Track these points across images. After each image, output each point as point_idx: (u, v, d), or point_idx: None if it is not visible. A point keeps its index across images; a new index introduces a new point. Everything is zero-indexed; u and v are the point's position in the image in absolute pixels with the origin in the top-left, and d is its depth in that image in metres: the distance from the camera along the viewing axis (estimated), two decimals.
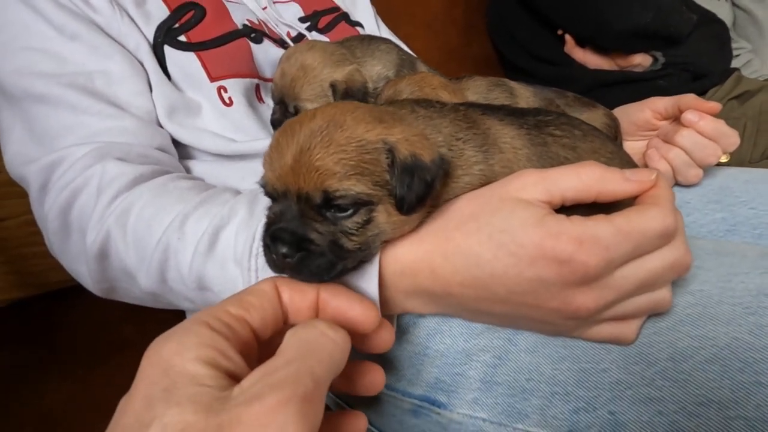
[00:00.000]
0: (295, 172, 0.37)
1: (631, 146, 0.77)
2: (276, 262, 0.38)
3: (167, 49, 0.64)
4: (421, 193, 0.38)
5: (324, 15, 0.87)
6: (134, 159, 0.55)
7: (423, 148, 0.39)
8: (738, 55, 1.47)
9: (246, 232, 0.46)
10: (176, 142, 0.63)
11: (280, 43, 0.78)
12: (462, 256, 0.40)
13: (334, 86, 0.64)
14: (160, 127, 0.62)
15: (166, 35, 0.64)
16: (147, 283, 0.50)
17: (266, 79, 0.73)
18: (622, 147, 0.75)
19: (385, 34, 0.98)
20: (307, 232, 0.38)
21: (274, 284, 0.37)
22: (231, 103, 0.65)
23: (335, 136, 0.38)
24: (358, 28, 0.91)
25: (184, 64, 0.64)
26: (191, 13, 0.67)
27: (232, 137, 0.64)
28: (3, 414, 0.72)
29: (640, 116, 0.76)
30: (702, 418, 0.39)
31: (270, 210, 0.41)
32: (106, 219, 0.51)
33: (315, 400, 0.27)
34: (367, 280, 0.42)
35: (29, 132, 0.57)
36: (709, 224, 0.70)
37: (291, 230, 0.38)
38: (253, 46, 0.72)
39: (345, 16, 0.90)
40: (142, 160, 0.56)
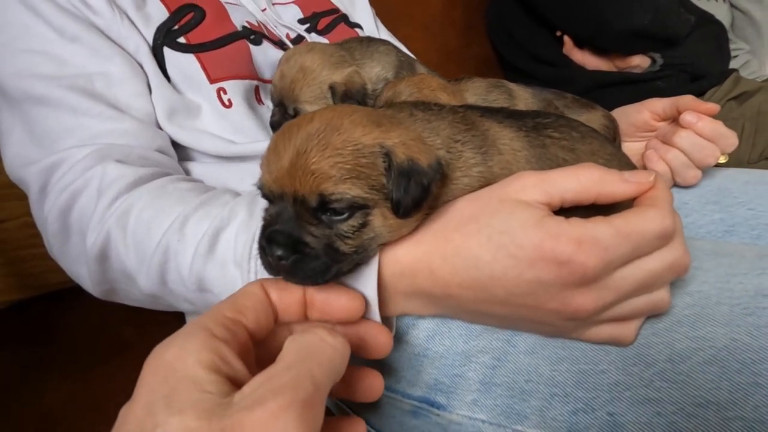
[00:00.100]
0: (291, 175, 0.38)
1: (630, 147, 0.78)
2: (271, 265, 0.38)
3: (167, 50, 0.64)
4: (418, 197, 0.38)
5: (323, 17, 0.87)
6: (134, 161, 0.55)
7: (420, 152, 0.39)
8: (736, 56, 1.48)
9: (246, 233, 0.47)
10: (176, 144, 0.63)
11: (280, 44, 0.78)
12: (461, 257, 0.40)
13: (333, 88, 0.64)
14: (160, 128, 0.62)
15: (165, 37, 0.64)
16: (147, 284, 0.50)
17: (266, 80, 0.73)
18: (620, 148, 0.75)
19: (384, 35, 0.99)
20: (303, 235, 0.38)
21: (261, 285, 0.38)
22: (230, 105, 0.65)
23: (332, 139, 0.38)
24: (357, 29, 0.91)
25: (183, 65, 0.65)
26: (191, 14, 0.67)
27: (231, 139, 0.64)
28: (3, 414, 0.72)
29: (638, 117, 0.76)
30: (700, 419, 0.39)
31: (266, 212, 0.41)
32: (106, 221, 0.51)
33: (315, 405, 0.27)
34: (366, 282, 0.42)
35: (29, 134, 0.57)
36: (708, 225, 0.70)
37: (286, 232, 0.38)
38: (252, 47, 0.72)
39: (344, 18, 0.90)
40: (142, 162, 0.56)
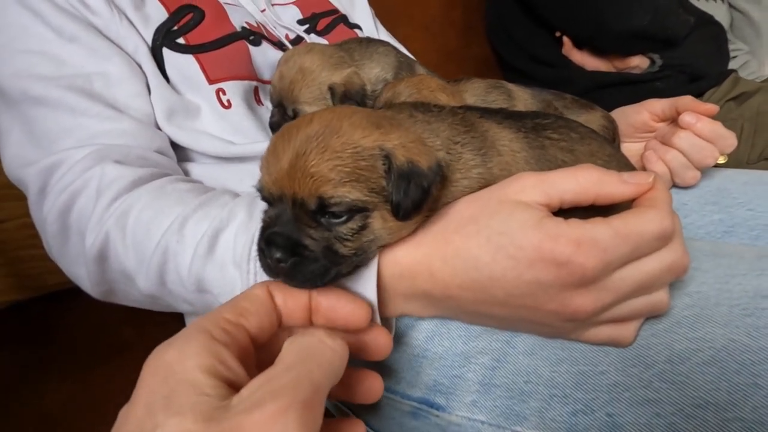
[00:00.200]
0: (290, 177, 0.37)
1: (629, 148, 0.78)
2: (270, 267, 0.38)
3: (166, 51, 0.64)
4: (418, 199, 0.38)
5: (322, 17, 0.87)
6: (133, 161, 0.55)
7: (420, 154, 0.39)
8: (735, 56, 1.48)
9: (245, 234, 0.47)
10: (175, 145, 0.63)
11: (279, 45, 0.78)
12: (461, 258, 0.40)
13: (332, 89, 0.64)
14: (159, 129, 0.62)
15: (164, 38, 0.64)
16: (146, 285, 0.50)
17: (265, 81, 0.73)
18: (619, 149, 0.75)
19: (383, 36, 0.99)
20: (301, 237, 0.38)
21: (266, 288, 0.37)
22: (230, 106, 0.65)
23: (331, 142, 0.38)
24: (357, 30, 0.91)
25: (182, 66, 0.64)
26: (190, 15, 0.67)
27: (230, 140, 0.64)
28: (3, 414, 0.72)
29: (637, 118, 0.76)
30: (699, 420, 0.39)
31: (265, 214, 0.41)
32: (105, 221, 0.51)
33: (314, 407, 0.27)
34: (365, 284, 0.42)
35: (28, 134, 0.57)
36: (707, 226, 0.70)
37: (285, 235, 0.38)
38: (251, 48, 0.72)
39: (343, 18, 0.90)
40: (141, 162, 0.56)
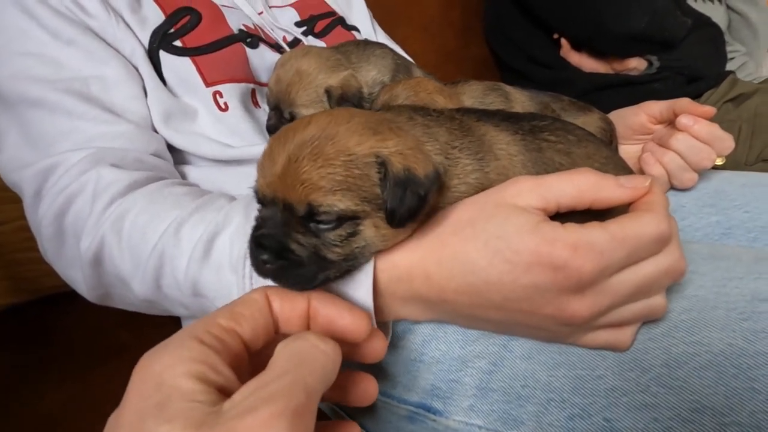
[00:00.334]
0: (282, 182, 0.37)
1: (627, 150, 0.78)
2: (259, 267, 0.38)
3: (162, 54, 0.64)
4: (414, 207, 0.38)
5: (320, 19, 0.87)
6: (129, 165, 0.55)
7: (417, 162, 0.39)
8: (732, 58, 1.48)
9: (241, 238, 0.46)
10: (172, 148, 0.63)
11: (276, 47, 0.77)
12: (458, 262, 0.40)
13: (329, 92, 0.64)
14: (156, 132, 0.62)
15: (161, 40, 0.64)
16: (142, 289, 0.50)
17: (262, 83, 0.72)
18: (617, 151, 0.75)
19: (381, 37, 0.98)
20: (288, 242, 0.38)
21: (264, 293, 0.37)
22: (227, 108, 0.65)
23: (325, 148, 0.37)
24: (354, 32, 0.91)
25: (179, 69, 0.64)
26: (187, 18, 0.67)
27: (228, 142, 0.64)
28: (3, 414, 0.71)
29: (635, 120, 0.76)
30: (697, 424, 0.39)
31: (259, 213, 0.41)
32: (101, 225, 0.51)
33: (307, 413, 0.27)
34: (361, 289, 0.42)
35: (24, 137, 0.57)
36: (704, 228, 0.70)
37: (273, 237, 0.38)
38: (248, 50, 0.72)
39: (341, 21, 0.90)
40: (138, 165, 0.56)
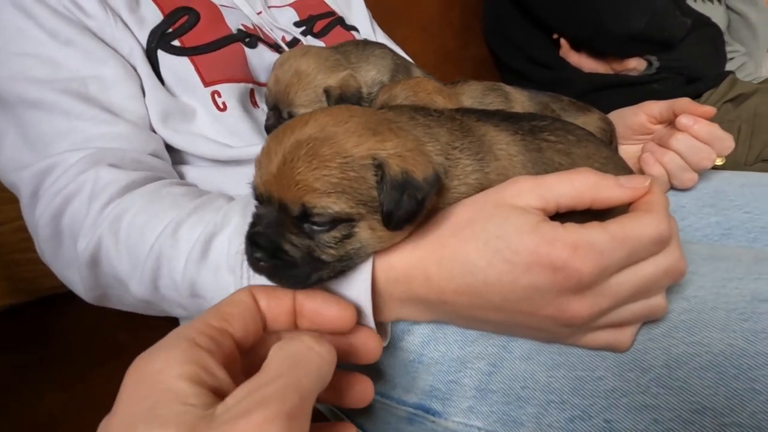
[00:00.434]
0: (278, 182, 0.37)
1: (627, 150, 0.77)
2: (254, 264, 0.39)
3: (161, 53, 0.64)
4: (411, 210, 0.37)
5: (319, 19, 0.86)
6: (127, 165, 0.55)
7: (416, 165, 0.38)
8: (732, 58, 1.48)
9: (239, 239, 0.46)
10: (170, 148, 0.63)
11: (275, 47, 0.77)
12: (457, 263, 0.40)
13: (328, 92, 0.63)
14: (154, 132, 0.61)
15: (159, 40, 0.64)
16: (139, 290, 0.50)
17: (261, 83, 0.72)
18: (617, 151, 0.75)
19: (380, 37, 0.98)
20: (282, 242, 0.37)
21: (250, 292, 0.37)
22: (225, 108, 0.65)
23: (321, 150, 0.37)
24: (354, 32, 0.91)
25: (177, 68, 0.64)
26: (185, 17, 0.67)
27: (226, 142, 0.63)
28: (3, 414, 0.71)
29: (635, 120, 0.76)
30: (697, 425, 0.39)
31: (256, 210, 0.41)
32: (99, 225, 0.50)
33: (301, 415, 0.27)
34: (359, 288, 0.42)
35: (22, 138, 0.56)
36: (704, 228, 0.70)
37: (267, 236, 0.38)
38: (247, 50, 0.72)
39: (340, 21, 0.89)
40: (136, 165, 0.56)
